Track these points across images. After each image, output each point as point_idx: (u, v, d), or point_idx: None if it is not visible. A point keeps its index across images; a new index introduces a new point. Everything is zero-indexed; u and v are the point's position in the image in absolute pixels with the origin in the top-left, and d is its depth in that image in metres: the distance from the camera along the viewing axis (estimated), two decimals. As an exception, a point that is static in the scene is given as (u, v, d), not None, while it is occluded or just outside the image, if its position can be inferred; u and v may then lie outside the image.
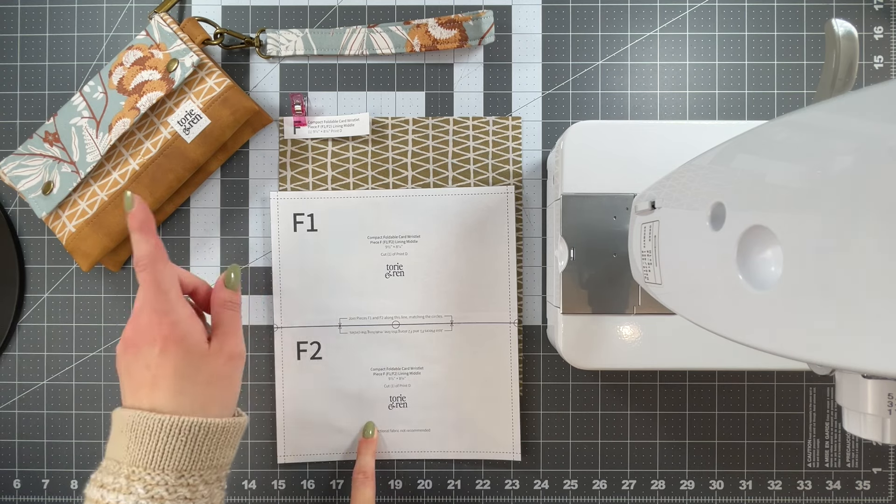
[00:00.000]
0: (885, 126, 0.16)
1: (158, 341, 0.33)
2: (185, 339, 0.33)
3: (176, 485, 0.32)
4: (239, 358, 0.36)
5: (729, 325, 0.24)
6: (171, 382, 0.33)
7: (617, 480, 0.49)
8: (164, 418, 0.32)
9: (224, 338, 0.36)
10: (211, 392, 0.34)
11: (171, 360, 0.33)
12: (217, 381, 0.35)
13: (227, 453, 0.35)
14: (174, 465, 0.32)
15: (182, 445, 0.32)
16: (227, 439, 0.35)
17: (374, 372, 0.48)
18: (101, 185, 0.45)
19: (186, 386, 0.33)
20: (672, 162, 0.32)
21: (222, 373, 0.35)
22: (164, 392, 0.33)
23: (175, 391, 0.33)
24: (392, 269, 0.48)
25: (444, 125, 0.49)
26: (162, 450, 0.32)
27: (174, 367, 0.33)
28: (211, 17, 0.49)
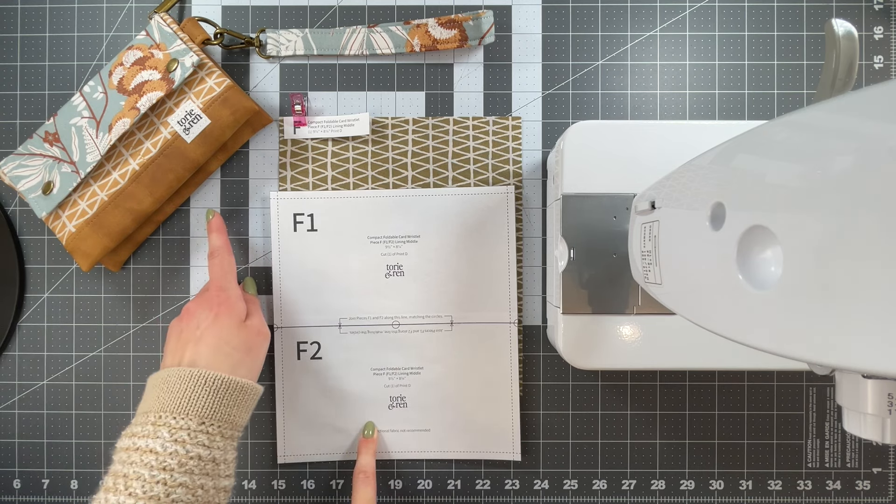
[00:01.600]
0: (885, 126, 0.16)
1: (215, 307, 0.41)
2: (234, 310, 0.42)
3: (197, 430, 0.36)
4: (265, 336, 0.43)
5: (729, 325, 0.24)
6: (215, 341, 0.40)
7: (617, 480, 0.49)
8: (195, 370, 0.38)
9: (254, 318, 0.43)
10: (241, 357, 0.40)
11: (221, 323, 0.40)
12: (247, 350, 0.41)
13: (242, 414, 0.40)
14: (197, 411, 0.37)
15: (206, 394, 0.37)
16: (245, 400, 0.40)
17: (374, 372, 0.48)
18: (101, 185, 0.45)
19: (224, 347, 0.40)
20: (672, 162, 0.32)
21: (252, 344, 0.42)
22: (206, 347, 0.40)
23: (215, 348, 0.40)
24: (392, 269, 0.48)
25: (444, 125, 0.49)
26: (189, 396, 0.37)
27: (220, 329, 0.40)
28: (211, 17, 0.49)
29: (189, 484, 0.35)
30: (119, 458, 0.36)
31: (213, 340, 0.40)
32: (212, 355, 0.39)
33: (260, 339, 0.42)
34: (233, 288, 0.43)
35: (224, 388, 0.38)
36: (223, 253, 0.44)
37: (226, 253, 0.44)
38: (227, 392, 0.38)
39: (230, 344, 0.40)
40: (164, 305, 0.49)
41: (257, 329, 0.43)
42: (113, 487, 0.34)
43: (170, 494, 0.34)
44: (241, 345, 0.41)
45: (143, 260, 0.49)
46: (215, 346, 0.40)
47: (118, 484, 0.34)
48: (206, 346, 0.40)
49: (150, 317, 0.49)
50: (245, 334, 0.41)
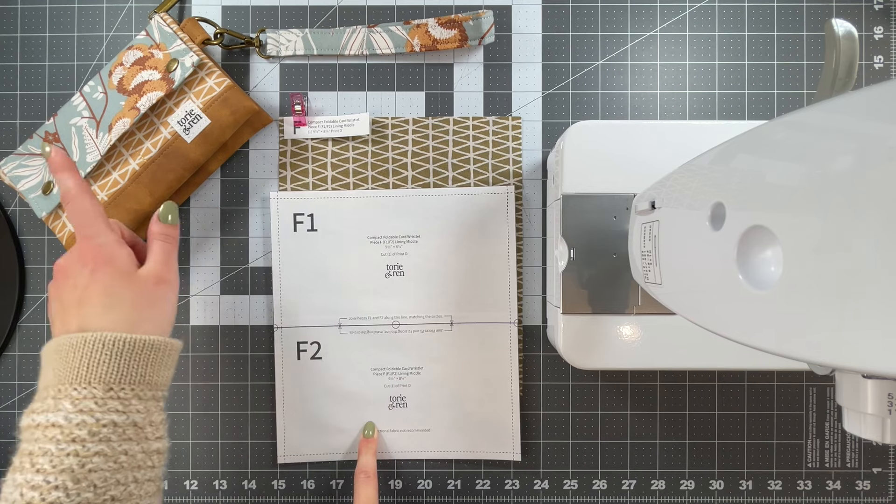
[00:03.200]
0: (885, 126, 0.16)
1: (89, 262, 0.35)
2: (113, 259, 0.35)
3: (105, 398, 0.33)
4: (167, 283, 0.37)
5: (729, 325, 0.24)
6: (100, 299, 0.34)
7: (617, 480, 0.49)
8: (88, 335, 0.33)
9: (153, 264, 0.37)
10: (140, 312, 0.35)
11: (100, 278, 0.35)
12: (146, 303, 0.36)
13: (160, 372, 0.36)
14: (101, 377, 0.33)
15: (108, 359, 0.33)
16: (159, 357, 0.35)
17: (374, 372, 0.48)
18: (101, 185, 0.45)
19: (114, 303, 0.34)
20: (672, 162, 0.32)
21: (152, 295, 0.36)
22: (91, 308, 0.34)
23: (103, 307, 0.34)
24: (392, 269, 0.48)
25: (444, 125, 0.49)
26: (87, 364, 0.33)
27: (103, 285, 0.34)
28: (211, 17, 0.49)
29: (108, 452, 0.32)
30: (24, 438, 0.33)
31: (98, 299, 0.34)
32: (102, 315, 0.34)
33: (160, 289, 0.37)
34: (102, 234, 0.36)
35: (128, 348, 0.34)
36: (80, 194, 0.36)
37: (86, 194, 0.36)
38: (132, 353, 0.34)
39: (120, 298, 0.35)
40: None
41: (155, 276, 0.36)
42: (19, 467, 0.32)
43: (85, 465, 0.31)
44: (136, 298, 0.35)
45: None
46: (103, 305, 0.34)
47: (24, 462, 0.32)
48: (92, 307, 0.34)
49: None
50: (138, 286, 0.36)
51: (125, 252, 0.36)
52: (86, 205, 0.36)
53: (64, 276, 0.36)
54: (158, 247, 0.38)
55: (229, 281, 0.49)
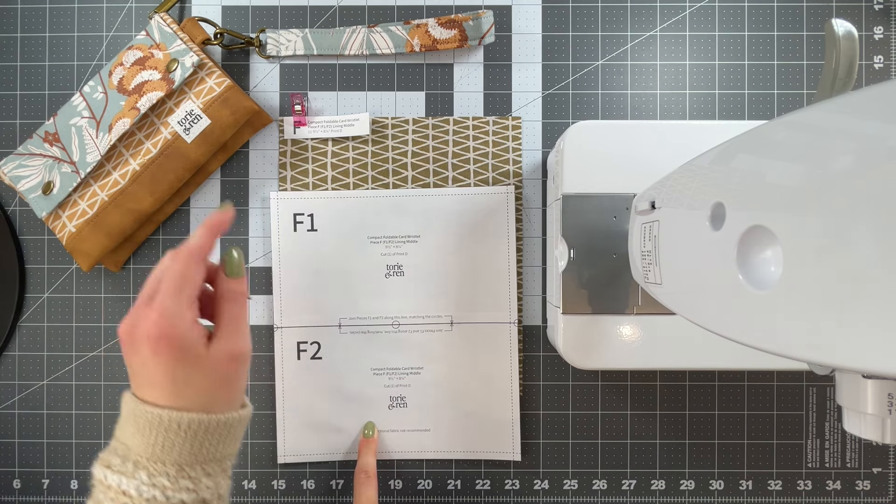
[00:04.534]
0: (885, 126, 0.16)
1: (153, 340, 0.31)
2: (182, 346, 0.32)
3: (177, 477, 0.32)
4: (241, 359, 0.34)
5: (729, 325, 0.24)
6: (168, 386, 0.32)
7: (617, 480, 0.49)
8: (164, 413, 0.31)
9: (226, 337, 0.34)
10: (211, 394, 0.33)
11: (165, 360, 0.32)
12: (217, 384, 0.33)
13: (230, 445, 0.34)
14: (174, 459, 0.32)
15: (182, 441, 0.32)
16: (230, 433, 0.34)
17: (374, 372, 0.48)
18: (101, 185, 0.45)
19: (183, 389, 0.32)
20: (672, 162, 0.32)
21: (223, 374, 0.33)
22: (161, 392, 0.32)
23: (172, 393, 0.32)
24: (392, 269, 0.48)
25: (444, 125, 0.49)
26: (162, 444, 0.32)
27: (169, 371, 0.32)
28: (211, 17, 0.49)
29: None
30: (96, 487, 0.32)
31: (167, 386, 0.32)
32: (173, 400, 0.32)
33: (233, 367, 0.33)
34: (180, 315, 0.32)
35: (202, 429, 0.32)
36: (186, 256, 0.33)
37: (192, 259, 0.33)
38: (205, 434, 0.32)
39: (189, 384, 0.32)
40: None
41: (228, 354, 0.33)
42: None
43: None
44: (205, 382, 0.33)
45: (143, 260, 0.49)
46: (171, 392, 0.32)
47: None
48: (161, 391, 0.32)
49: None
50: (208, 368, 0.33)
51: (196, 334, 0.32)
52: (184, 270, 0.33)
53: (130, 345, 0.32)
54: (228, 312, 0.34)
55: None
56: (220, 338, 0.34)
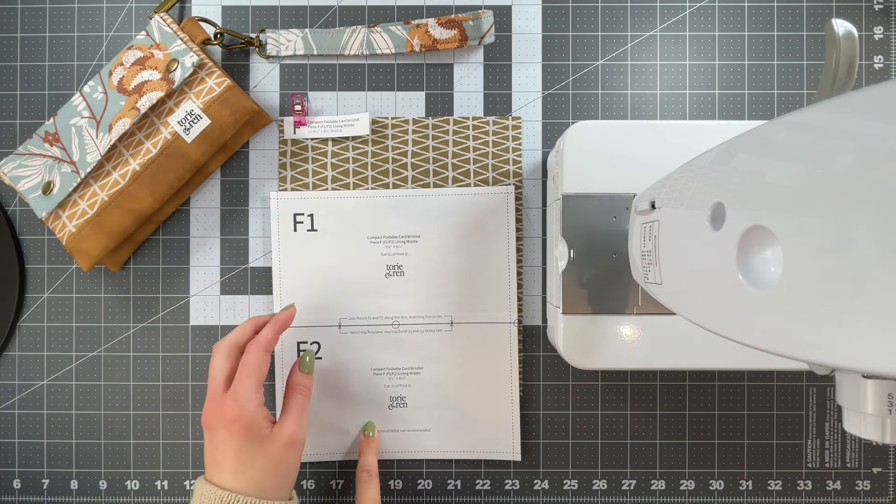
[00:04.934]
0: (885, 126, 0.16)
1: (227, 423, 0.37)
2: (250, 424, 0.37)
3: None
4: (297, 444, 0.39)
5: (729, 325, 0.24)
6: (232, 465, 0.37)
7: (617, 480, 0.49)
8: (224, 495, 0.36)
9: (287, 422, 0.39)
10: (268, 475, 0.38)
11: (234, 441, 0.37)
12: (274, 466, 0.38)
13: None
14: None
15: None
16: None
17: (374, 372, 0.48)
18: (101, 186, 0.45)
19: (245, 469, 0.37)
20: (672, 162, 0.32)
21: (279, 457, 0.38)
22: (225, 473, 0.37)
23: (235, 472, 0.37)
24: (392, 269, 0.48)
25: (444, 125, 0.49)
26: None
27: (236, 450, 0.37)
28: (211, 17, 0.49)
29: None
30: None
31: (231, 465, 0.37)
32: (233, 481, 0.37)
33: (289, 451, 0.39)
34: (249, 399, 0.38)
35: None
36: (260, 351, 0.39)
37: (263, 351, 0.39)
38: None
39: (251, 465, 0.37)
40: (163, 305, 0.49)
41: (287, 438, 0.39)
42: None
43: None
44: (265, 463, 0.38)
45: (143, 260, 0.49)
46: (235, 471, 0.37)
47: None
48: (225, 472, 0.37)
49: (150, 317, 0.49)
50: (269, 449, 0.38)
51: (262, 416, 0.38)
52: (257, 363, 0.39)
53: (208, 429, 0.38)
54: (295, 402, 0.41)
55: (229, 281, 0.49)
56: (284, 422, 0.39)
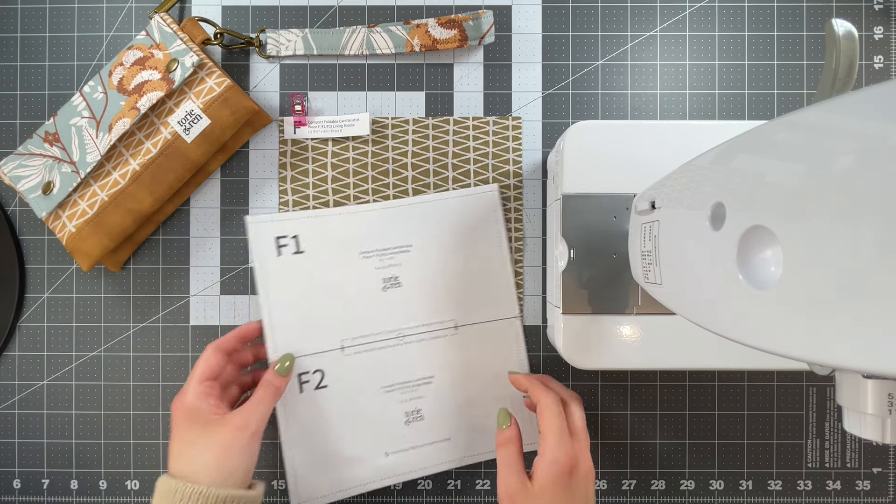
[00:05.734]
0: (885, 126, 0.16)
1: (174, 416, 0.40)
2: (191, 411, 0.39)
3: None
4: (246, 430, 0.39)
5: (729, 325, 0.24)
6: (176, 448, 0.39)
7: (617, 480, 0.49)
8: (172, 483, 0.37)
9: (241, 411, 0.40)
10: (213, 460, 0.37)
11: (178, 430, 0.39)
12: (220, 450, 0.38)
13: None
14: None
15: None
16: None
17: (385, 389, 0.46)
18: (101, 186, 0.45)
19: (190, 452, 0.38)
20: (672, 162, 0.32)
21: (227, 441, 0.38)
22: (174, 455, 0.39)
23: (181, 455, 0.38)
24: (388, 282, 0.47)
25: (444, 125, 0.49)
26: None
27: (180, 434, 0.39)
28: (211, 17, 0.49)
29: None
30: None
31: (177, 444, 0.39)
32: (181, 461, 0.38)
33: (239, 435, 0.38)
34: (189, 391, 0.40)
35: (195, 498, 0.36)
36: (209, 349, 0.42)
37: (212, 349, 0.42)
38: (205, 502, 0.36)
39: (194, 445, 0.38)
40: (163, 305, 0.49)
41: (236, 424, 0.39)
42: None
43: None
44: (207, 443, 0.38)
45: (143, 260, 0.49)
46: (180, 451, 0.38)
47: None
48: (174, 452, 0.39)
49: (150, 317, 0.49)
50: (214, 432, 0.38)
51: (206, 405, 0.40)
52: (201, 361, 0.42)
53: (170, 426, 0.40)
54: (257, 394, 0.41)
55: (229, 281, 0.49)
56: (238, 411, 0.40)
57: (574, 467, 0.37)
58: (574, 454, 0.38)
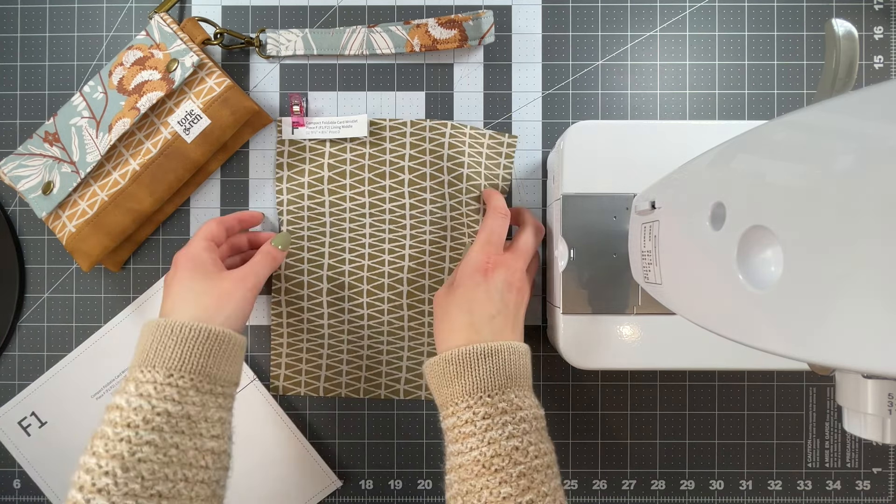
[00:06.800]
0: (885, 126, 0.16)
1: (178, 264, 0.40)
2: (194, 260, 0.40)
3: (164, 384, 0.34)
4: (242, 283, 0.40)
5: (729, 325, 0.24)
6: (178, 289, 0.39)
7: (617, 480, 0.49)
8: (160, 319, 0.36)
9: (241, 269, 0.41)
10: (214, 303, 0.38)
11: (182, 276, 0.39)
12: (220, 297, 0.38)
13: (221, 365, 0.36)
14: (163, 362, 0.34)
15: (173, 344, 0.35)
16: (221, 349, 0.36)
17: None
18: (101, 185, 0.45)
19: (187, 296, 0.38)
20: (672, 162, 0.32)
21: (223, 291, 0.39)
22: (170, 300, 0.38)
23: (179, 297, 0.38)
24: None
25: (441, 128, 0.48)
26: (155, 348, 0.35)
27: (181, 280, 0.39)
28: (211, 17, 0.49)
29: (158, 442, 0.32)
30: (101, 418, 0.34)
31: (177, 288, 0.39)
32: (177, 304, 0.38)
33: (236, 286, 0.39)
34: (193, 244, 0.41)
35: (192, 335, 0.35)
36: (211, 221, 0.44)
37: (214, 222, 0.44)
38: (196, 340, 0.35)
39: (195, 292, 0.38)
40: (164, 305, 0.49)
41: (235, 277, 0.40)
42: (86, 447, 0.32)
43: (135, 453, 0.31)
44: (208, 291, 0.38)
45: (143, 260, 0.49)
46: (178, 295, 0.38)
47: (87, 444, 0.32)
48: (171, 299, 0.38)
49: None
50: (213, 283, 0.39)
51: (209, 256, 0.41)
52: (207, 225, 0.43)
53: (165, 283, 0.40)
54: (257, 258, 0.42)
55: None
56: (238, 268, 0.41)
57: (490, 270, 0.39)
58: (494, 260, 0.39)
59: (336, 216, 0.48)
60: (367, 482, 0.49)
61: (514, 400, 0.35)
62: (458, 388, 0.36)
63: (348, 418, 0.49)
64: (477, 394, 0.35)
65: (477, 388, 0.35)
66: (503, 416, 0.34)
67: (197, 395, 0.35)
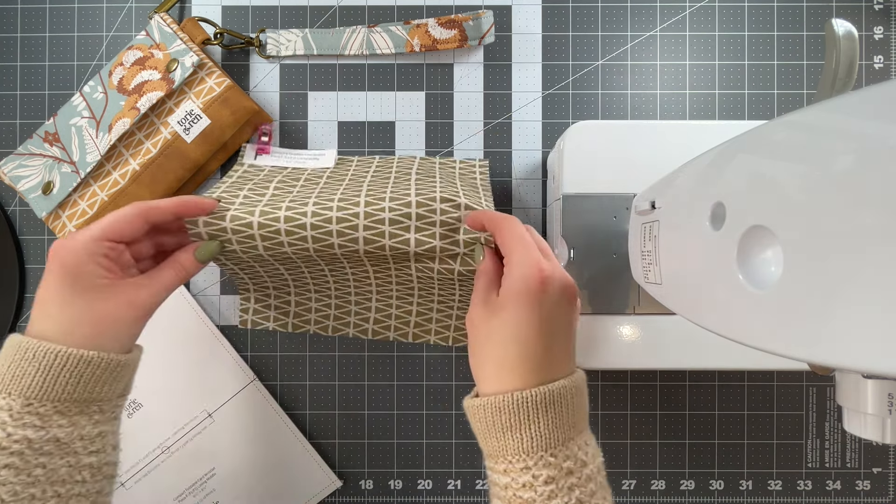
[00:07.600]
0: (885, 126, 0.16)
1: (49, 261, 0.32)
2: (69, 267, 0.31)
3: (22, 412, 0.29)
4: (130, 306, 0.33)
5: (729, 325, 0.24)
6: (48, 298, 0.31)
7: (617, 480, 0.49)
8: (21, 338, 0.30)
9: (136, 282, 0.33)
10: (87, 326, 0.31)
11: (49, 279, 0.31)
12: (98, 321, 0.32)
13: (97, 390, 0.31)
14: (21, 390, 0.30)
15: (34, 371, 0.30)
16: (95, 374, 0.31)
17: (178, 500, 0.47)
18: (101, 185, 0.45)
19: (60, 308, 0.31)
20: (672, 162, 0.32)
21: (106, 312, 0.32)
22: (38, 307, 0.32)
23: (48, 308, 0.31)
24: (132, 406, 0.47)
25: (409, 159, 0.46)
26: (13, 373, 0.30)
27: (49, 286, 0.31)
28: (211, 17, 0.49)
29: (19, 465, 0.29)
30: None
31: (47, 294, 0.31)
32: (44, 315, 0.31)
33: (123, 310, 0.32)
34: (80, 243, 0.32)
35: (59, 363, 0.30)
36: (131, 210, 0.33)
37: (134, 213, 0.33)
38: (63, 368, 0.30)
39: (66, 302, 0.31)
40: (164, 305, 0.49)
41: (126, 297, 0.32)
42: None
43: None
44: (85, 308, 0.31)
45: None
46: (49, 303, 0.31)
47: None
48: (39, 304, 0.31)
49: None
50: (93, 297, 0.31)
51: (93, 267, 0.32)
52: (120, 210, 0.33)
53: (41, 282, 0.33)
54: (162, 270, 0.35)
55: (229, 281, 0.49)
56: (132, 281, 0.33)
57: (547, 280, 0.31)
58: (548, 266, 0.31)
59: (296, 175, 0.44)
60: (367, 482, 0.49)
61: (579, 455, 0.30)
62: (512, 443, 0.30)
63: (348, 418, 0.49)
64: (538, 453, 0.29)
65: (538, 446, 0.29)
66: (569, 477, 0.29)
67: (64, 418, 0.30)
